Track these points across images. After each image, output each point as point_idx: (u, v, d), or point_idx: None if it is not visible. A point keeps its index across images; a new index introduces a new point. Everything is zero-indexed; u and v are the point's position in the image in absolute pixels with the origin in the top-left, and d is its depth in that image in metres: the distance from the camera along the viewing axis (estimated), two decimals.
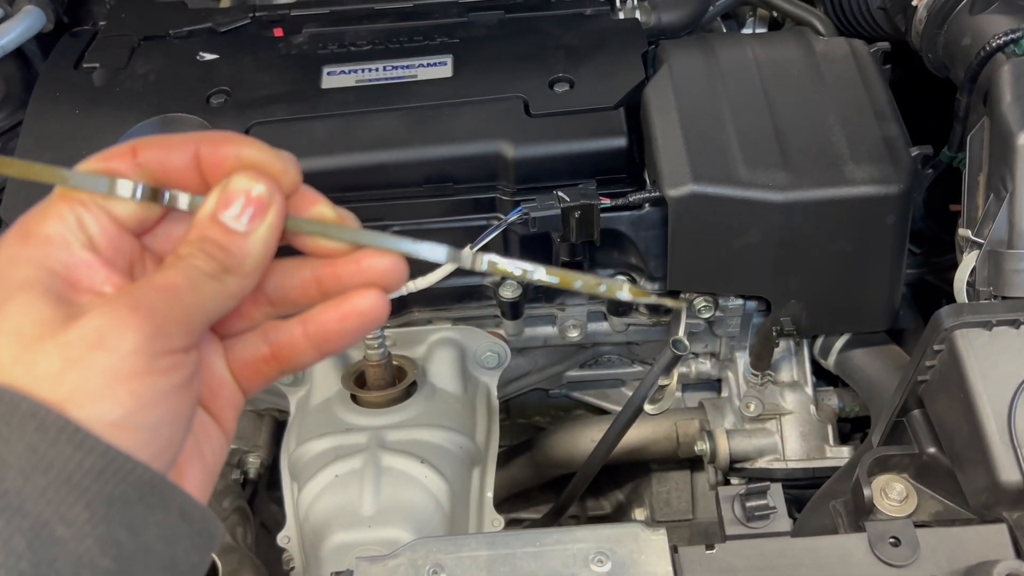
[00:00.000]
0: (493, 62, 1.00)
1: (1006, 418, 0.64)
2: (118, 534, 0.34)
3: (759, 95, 0.92)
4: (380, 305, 0.40)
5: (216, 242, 0.38)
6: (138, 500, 0.35)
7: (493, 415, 1.00)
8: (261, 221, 0.39)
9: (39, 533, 0.33)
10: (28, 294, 0.36)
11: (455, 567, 0.62)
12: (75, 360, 0.35)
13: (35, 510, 0.33)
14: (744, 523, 0.64)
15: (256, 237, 0.39)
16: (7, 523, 0.32)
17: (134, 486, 0.35)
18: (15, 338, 0.35)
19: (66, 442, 0.33)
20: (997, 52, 0.81)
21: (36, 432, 0.33)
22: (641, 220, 0.92)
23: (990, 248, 0.74)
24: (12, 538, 0.32)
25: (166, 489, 0.36)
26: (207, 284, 0.38)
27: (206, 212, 0.39)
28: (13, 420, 0.33)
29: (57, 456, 0.33)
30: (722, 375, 1.09)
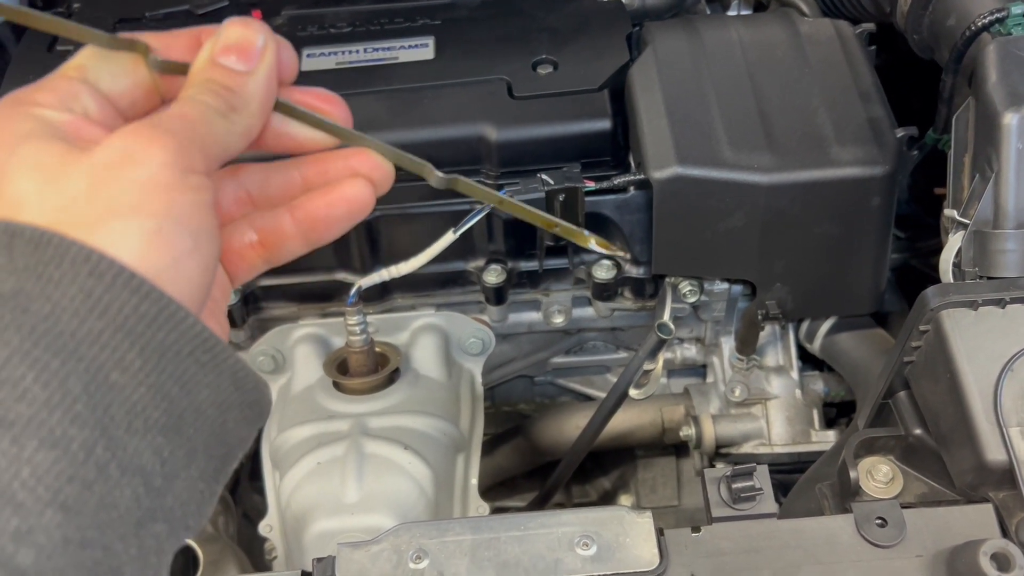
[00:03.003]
0: (476, 44, 0.99)
1: (992, 398, 0.64)
2: (169, 387, 0.34)
3: (744, 77, 0.91)
4: (367, 193, 0.42)
5: (219, 82, 0.38)
6: (189, 354, 0.35)
7: (477, 402, 0.99)
8: (260, 61, 0.39)
9: (95, 377, 0.32)
10: (36, 139, 0.35)
11: (439, 552, 0.61)
12: (105, 178, 0.34)
13: (90, 354, 0.32)
14: (730, 505, 0.63)
15: (257, 76, 0.39)
16: (62, 364, 0.32)
17: (185, 337, 0.35)
18: (36, 171, 0.34)
19: (122, 286, 0.33)
20: (982, 32, 0.80)
21: (89, 276, 0.33)
22: (626, 204, 0.91)
23: (976, 228, 0.74)
24: (68, 379, 0.32)
25: (217, 347, 0.36)
26: (218, 120, 0.38)
27: (204, 56, 0.39)
28: (64, 263, 0.33)
29: (113, 300, 0.33)
30: (707, 360, 1.08)
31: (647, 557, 0.60)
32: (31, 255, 0.33)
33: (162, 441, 0.34)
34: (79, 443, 0.32)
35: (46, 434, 0.31)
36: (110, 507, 0.33)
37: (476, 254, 0.97)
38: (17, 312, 0.32)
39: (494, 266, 0.97)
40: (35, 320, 0.32)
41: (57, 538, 0.31)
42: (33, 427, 0.31)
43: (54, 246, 0.33)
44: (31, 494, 0.31)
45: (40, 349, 0.32)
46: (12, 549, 0.30)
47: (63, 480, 0.32)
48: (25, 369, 0.32)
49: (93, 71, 0.40)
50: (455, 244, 0.88)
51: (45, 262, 0.33)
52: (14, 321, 0.32)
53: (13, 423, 0.31)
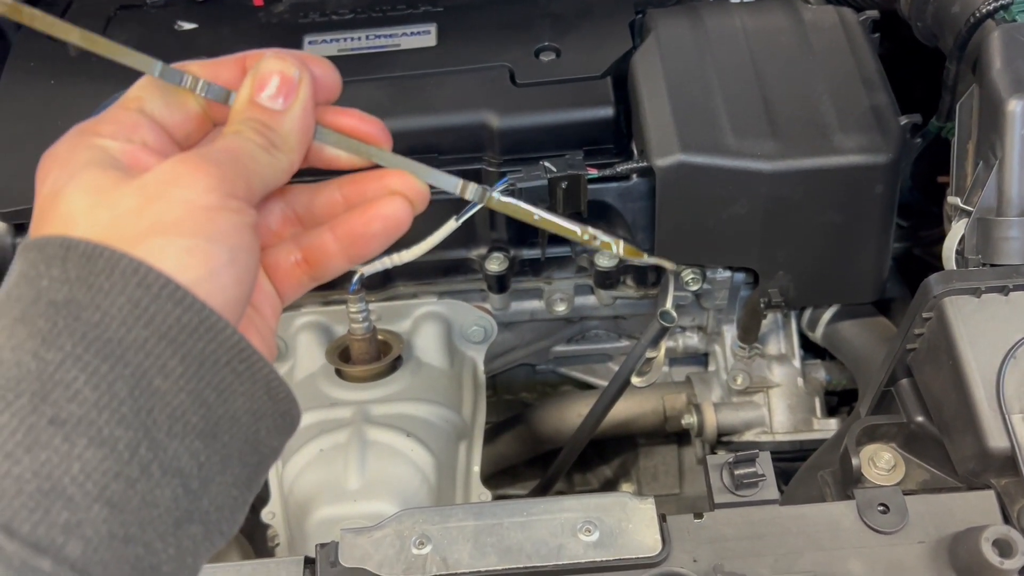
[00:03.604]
0: (478, 31, 0.98)
1: (994, 385, 0.63)
2: (207, 394, 0.36)
3: (747, 64, 0.91)
4: (404, 210, 0.43)
5: (260, 120, 0.41)
6: (226, 364, 0.37)
7: (480, 389, 0.99)
8: (295, 98, 0.41)
9: (139, 382, 0.35)
10: (94, 167, 0.38)
11: (441, 538, 0.61)
12: (152, 197, 0.37)
13: (136, 360, 0.35)
14: (733, 491, 0.63)
15: (293, 114, 0.41)
16: (111, 369, 0.34)
17: (223, 346, 0.37)
18: (90, 192, 0.37)
19: (167, 298, 0.35)
20: (987, 18, 0.80)
21: (138, 287, 0.35)
22: (628, 191, 0.91)
23: (979, 216, 0.74)
24: (115, 383, 0.34)
25: (253, 357, 0.38)
26: (261, 155, 0.40)
27: (244, 96, 0.41)
28: (114, 274, 0.35)
29: (158, 310, 0.35)
30: (709, 349, 1.08)
31: (649, 543, 0.61)
32: (84, 267, 0.35)
33: (199, 445, 0.36)
34: (124, 443, 0.34)
35: (95, 433, 0.34)
36: (151, 505, 0.35)
37: (478, 242, 0.97)
38: (70, 319, 0.35)
39: (496, 254, 0.97)
40: (86, 327, 0.35)
41: (103, 532, 0.33)
42: (83, 426, 0.33)
43: (105, 259, 0.35)
44: (80, 489, 0.33)
45: (91, 354, 0.34)
46: (62, 540, 0.32)
47: (109, 477, 0.34)
48: (77, 372, 0.34)
49: (149, 102, 0.42)
50: (457, 232, 0.87)
51: (96, 273, 0.35)
52: (67, 327, 0.34)
53: (65, 421, 0.33)
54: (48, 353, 0.34)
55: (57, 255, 0.36)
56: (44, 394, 0.33)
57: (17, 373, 0.34)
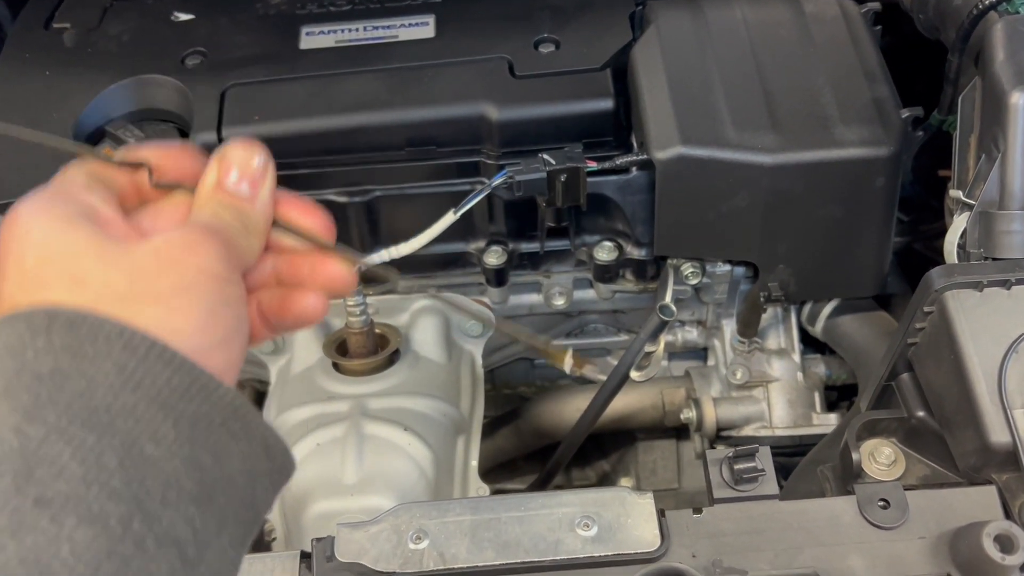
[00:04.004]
0: (476, 22, 0.97)
1: (996, 379, 0.63)
2: (202, 457, 0.35)
3: (748, 56, 0.90)
4: (319, 305, 0.44)
5: (231, 205, 0.42)
6: (221, 424, 0.36)
7: (478, 384, 0.98)
8: (262, 186, 0.42)
9: (130, 451, 0.33)
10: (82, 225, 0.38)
11: (439, 532, 0.61)
12: (169, 261, 0.37)
13: (125, 427, 0.33)
14: (732, 486, 0.63)
15: (262, 200, 0.42)
16: (98, 439, 0.33)
17: (216, 407, 0.36)
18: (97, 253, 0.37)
19: (155, 359, 0.35)
20: (990, 10, 0.79)
21: (123, 351, 0.34)
22: (628, 184, 0.90)
23: (981, 209, 0.73)
24: (104, 454, 0.33)
25: (248, 415, 0.37)
26: (240, 236, 0.41)
27: (211, 180, 0.42)
28: (99, 340, 0.34)
29: (146, 373, 0.34)
30: (709, 343, 1.08)
31: (648, 538, 0.60)
32: (68, 335, 0.34)
33: (194, 511, 0.35)
34: (116, 518, 0.32)
35: (84, 511, 0.32)
36: None
37: (477, 235, 0.97)
38: (54, 390, 0.33)
39: (495, 247, 0.96)
40: (70, 397, 0.33)
41: None
42: (72, 504, 0.32)
43: (89, 324, 0.34)
44: (71, 573, 0.31)
45: (76, 425, 0.33)
46: None
47: (102, 556, 0.32)
48: (62, 446, 0.32)
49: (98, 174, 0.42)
50: (456, 225, 0.87)
51: (80, 340, 0.34)
52: (51, 398, 0.33)
53: (51, 501, 0.32)
54: (31, 428, 0.33)
55: (42, 325, 0.34)
56: (28, 473, 0.32)
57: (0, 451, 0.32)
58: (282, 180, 1.02)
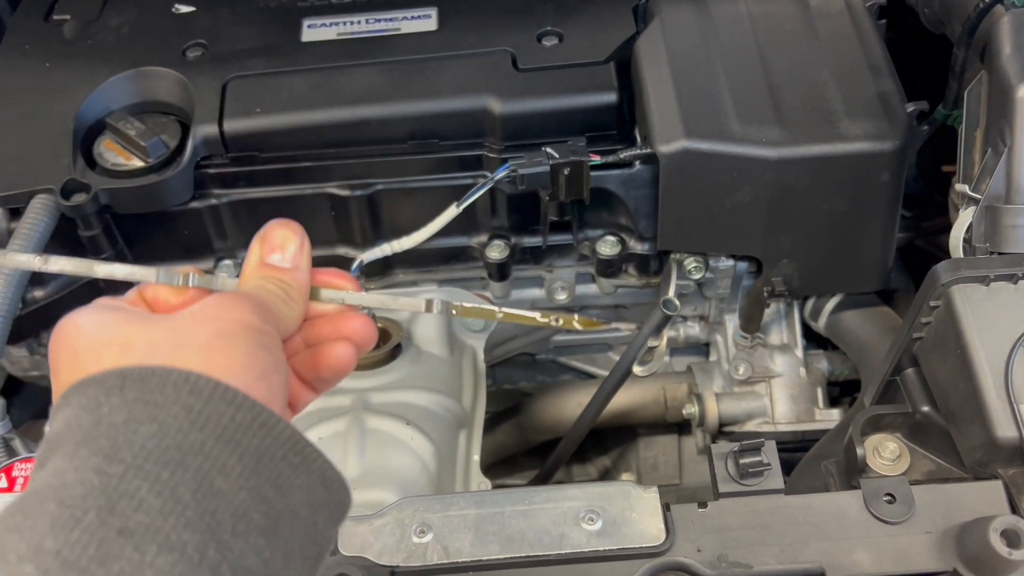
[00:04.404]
0: (479, 15, 0.97)
1: (1003, 374, 0.63)
2: (266, 490, 0.37)
3: (752, 50, 0.90)
4: (350, 353, 0.48)
5: (275, 276, 0.46)
6: (282, 458, 0.38)
7: (480, 378, 0.98)
8: (302, 257, 0.47)
9: (201, 484, 0.36)
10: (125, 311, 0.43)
11: (442, 526, 0.60)
12: (207, 317, 0.41)
13: (195, 463, 0.36)
14: (737, 480, 0.62)
15: (302, 270, 0.47)
16: (172, 475, 0.35)
17: (277, 441, 0.38)
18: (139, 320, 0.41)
19: (219, 399, 0.37)
20: (996, 4, 0.79)
21: (190, 395, 0.37)
22: (631, 178, 0.90)
23: (987, 203, 0.73)
24: (178, 488, 0.35)
25: (307, 450, 0.39)
26: (282, 304, 0.45)
27: (255, 258, 0.47)
28: (167, 388, 0.37)
29: (212, 412, 0.37)
30: (711, 338, 1.07)
31: (653, 532, 0.60)
32: (139, 388, 0.37)
33: (263, 543, 0.37)
34: (193, 546, 0.35)
35: (163, 539, 0.34)
36: None
37: (479, 229, 0.96)
38: (129, 434, 0.36)
39: (497, 242, 0.96)
40: (144, 438, 0.36)
41: None
42: (151, 533, 0.34)
43: (158, 376, 0.38)
44: None
45: (151, 463, 0.36)
46: None
47: None
48: (140, 481, 0.35)
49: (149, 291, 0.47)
50: (458, 219, 0.87)
51: (151, 390, 0.37)
52: (127, 441, 0.36)
53: (133, 531, 0.34)
54: (111, 467, 0.35)
55: (115, 384, 0.38)
56: (111, 507, 0.34)
57: (82, 491, 0.35)
58: (284, 173, 1.01)
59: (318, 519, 0.40)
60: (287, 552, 0.38)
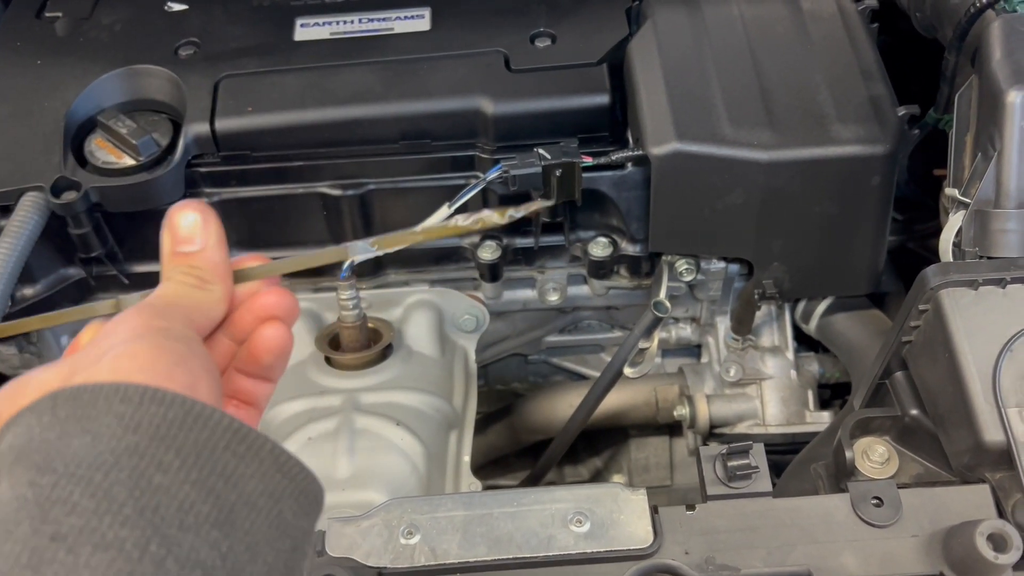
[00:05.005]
0: (472, 15, 0.97)
1: (991, 378, 0.63)
2: (213, 482, 0.36)
3: (745, 53, 0.90)
4: (282, 332, 0.47)
5: (187, 263, 0.45)
6: (224, 447, 0.37)
7: (471, 379, 0.98)
8: (207, 235, 0.45)
9: (138, 482, 0.35)
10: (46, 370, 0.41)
11: (430, 528, 0.60)
12: (100, 338, 0.40)
13: (130, 463, 0.36)
14: (725, 483, 0.62)
15: (210, 245, 0.45)
16: (105, 476, 0.35)
17: (216, 432, 0.37)
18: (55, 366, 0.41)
19: (149, 402, 0.37)
20: (987, 8, 0.79)
21: (121, 403, 0.37)
22: (623, 180, 0.90)
23: (977, 208, 0.73)
24: (112, 488, 0.35)
25: (251, 436, 0.38)
26: (196, 292, 0.44)
27: (166, 249, 0.46)
28: (98, 401, 0.37)
29: (143, 416, 0.37)
30: (702, 340, 1.07)
31: (641, 535, 0.60)
32: (70, 406, 0.37)
33: (218, 535, 0.36)
34: (132, 542, 0.34)
35: (98, 539, 0.34)
36: None
37: None
38: (61, 448, 0.36)
39: (489, 242, 0.96)
40: (76, 449, 0.36)
41: None
42: (85, 534, 0.34)
43: (88, 391, 0.37)
44: None
45: (83, 468, 0.35)
46: None
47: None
48: (72, 487, 0.35)
49: None
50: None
51: (83, 406, 0.37)
52: (59, 454, 0.36)
53: (66, 535, 0.34)
54: (42, 479, 0.35)
55: (47, 407, 0.37)
56: (43, 515, 0.34)
57: (16, 505, 0.34)
58: (276, 172, 1.01)
59: (283, 508, 0.38)
60: (251, 544, 0.37)
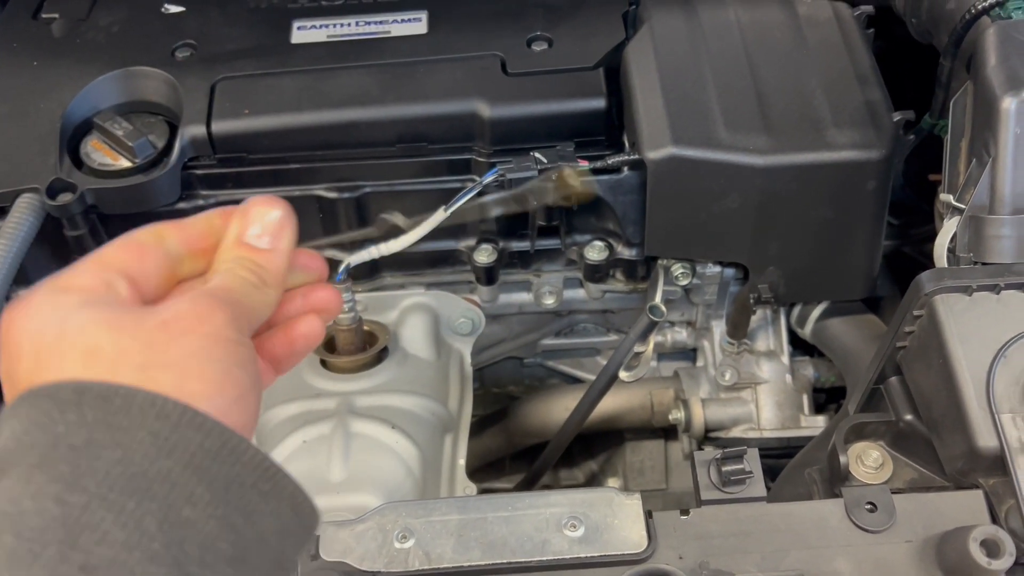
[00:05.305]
0: (469, 19, 0.97)
1: (984, 384, 0.63)
2: (235, 519, 0.36)
3: (741, 57, 0.90)
4: (318, 328, 0.47)
5: (250, 258, 0.43)
6: (252, 485, 0.37)
7: (466, 382, 0.98)
8: (282, 238, 0.44)
9: (167, 515, 0.34)
10: (91, 306, 0.38)
11: (424, 531, 0.60)
12: (179, 331, 0.38)
13: (162, 492, 0.34)
14: (720, 488, 0.62)
15: (281, 252, 0.44)
16: (138, 505, 0.34)
17: (247, 468, 0.37)
18: (111, 325, 0.37)
19: (187, 425, 0.35)
20: (982, 15, 0.79)
21: (156, 419, 0.35)
22: (619, 184, 0.90)
23: (971, 213, 0.73)
24: (144, 519, 0.34)
25: (278, 476, 0.38)
26: (254, 292, 0.43)
27: (233, 234, 0.44)
28: (132, 411, 0.35)
29: (180, 439, 0.35)
30: (698, 344, 1.08)
31: (635, 539, 0.60)
32: (100, 408, 0.35)
33: (230, 572, 0.36)
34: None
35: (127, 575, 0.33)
36: None
37: (467, 233, 0.96)
38: (91, 459, 0.34)
39: (485, 246, 0.96)
40: (108, 465, 0.34)
41: None
42: (115, 569, 0.33)
43: (121, 396, 0.35)
44: None
45: (115, 492, 0.34)
46: None
47: None
48: (104, 512, 0.33)
49: (122, 263, 0.42)
50: (446, 223, 0.87)
51: (114, 412, 0.35)
52: (90, 468, 0.34)
53: (96, 567, 0.32)
54: (72, 496, 0.33)
55: (71, 400, 0.35)
56: (72, 541, 0.33)
57: (41, 522, 0.33)
58: (272, 175, 1.01)
59: (286, 545, 0.39)
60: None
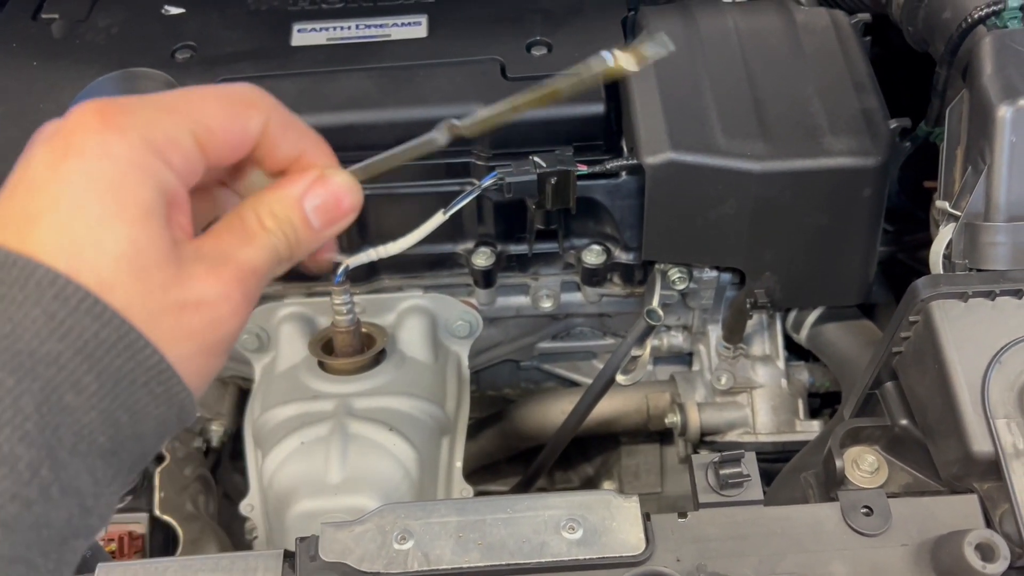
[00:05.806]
0: (469, 23, 0.98)
1: (980, 389, 0.64)
2: (119, 414, 0.35)
3: (738, 64, 0.91)
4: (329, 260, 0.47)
5: (296, 229, 0.42)
6: (143, 384, 0.35)
7: (464, 384, 0.98)
8: (333, 226, 0.44)
9: (48, 397, 0.33)
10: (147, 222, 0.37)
11: (423, 533, 0.60)
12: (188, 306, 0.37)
13: (47, 374, 0.33)
14: (717, 491, 0.63)
15: (322, 238, 0.43)
16: (18, 382, 0.32)
17: (142, 366, 0.35)
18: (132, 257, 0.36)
19: (85, 312, 0.34)
20: (978, 24, 0.80)
21: (54, 300, 0.33)
22: (617, 189, 0.91)
23: (967, 221, 0.74)
24: (22, 398, 0.32)
25: (172, 380, 0.37)
26: (277, 265, 0.43)
27: (297, 191, 0.43)
28: (28, 285, 0.33)
29: (75, 324, 0.33)
30: (694, 348, 1.08)
31: (633, 542, 0.60)
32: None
33: (100, 464, 0.35)
34: (25, 463, 0.32)
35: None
36: (43, 526, 0.33)
37: (465, 236, 0.97)
38: None
39: (483, 249, 0.96)
40: None
41: None
42: None
43: (19, 267, 0.33)
44: None
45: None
46: None
47: (6, 498, 0.32)
48: None
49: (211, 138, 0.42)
50: (444, 226, 0.86)
51: (9, 283, 0.33)
52: None
53: None
54: None
55: None
56: None
57: None
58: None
59: (159, 443, 0.38)
60: (117, 471, 0.36)
